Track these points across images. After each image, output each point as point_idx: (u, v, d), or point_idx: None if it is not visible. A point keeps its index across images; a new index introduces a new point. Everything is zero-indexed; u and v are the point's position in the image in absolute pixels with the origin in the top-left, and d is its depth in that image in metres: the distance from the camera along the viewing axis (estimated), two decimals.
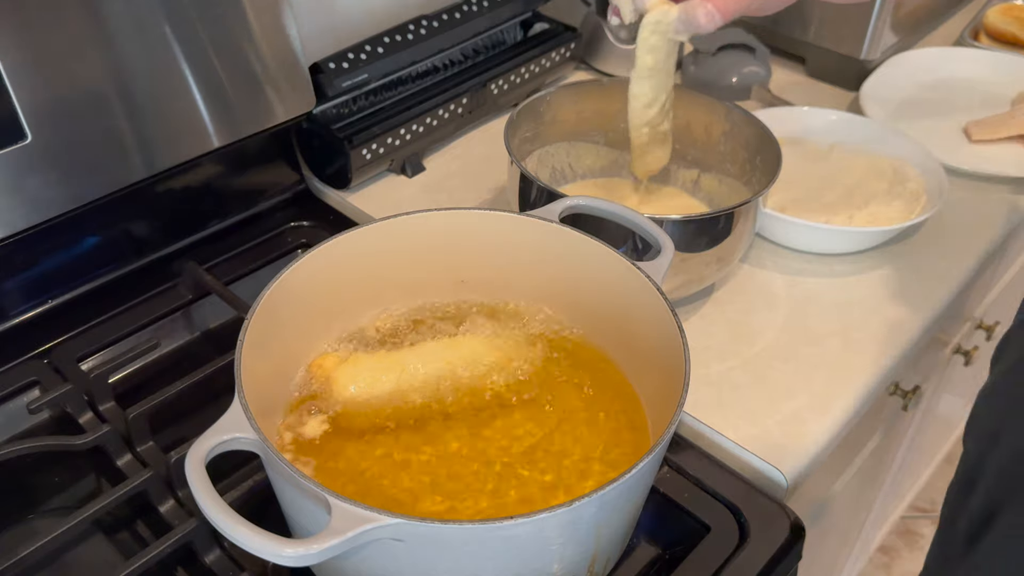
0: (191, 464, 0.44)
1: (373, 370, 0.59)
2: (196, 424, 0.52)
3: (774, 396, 0.70)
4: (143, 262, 0.79)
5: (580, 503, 0.43)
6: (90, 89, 0.66)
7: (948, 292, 0.81)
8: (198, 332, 0.77)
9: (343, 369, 0.59)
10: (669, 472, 0.63)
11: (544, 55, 1.00)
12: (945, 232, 0.87)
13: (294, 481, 0.44)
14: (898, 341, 0.76)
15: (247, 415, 0.46)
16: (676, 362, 0.52)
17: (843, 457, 0.91)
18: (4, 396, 0.68)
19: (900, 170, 0.89)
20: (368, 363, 0.59)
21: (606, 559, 0.53)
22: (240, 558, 0.58)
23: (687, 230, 0.70)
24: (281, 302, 0.56)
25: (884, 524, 1.60)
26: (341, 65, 0.84)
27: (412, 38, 0.89)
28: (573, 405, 0.60)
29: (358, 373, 0.58)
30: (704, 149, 0.84)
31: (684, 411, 0.66)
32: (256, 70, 0.76)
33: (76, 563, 0.60)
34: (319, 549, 0.41)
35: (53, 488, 0.65)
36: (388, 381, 0.59)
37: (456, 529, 0.43)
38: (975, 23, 1.19)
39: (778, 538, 0.59)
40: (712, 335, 0.75)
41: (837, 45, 1.07)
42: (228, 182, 0.83)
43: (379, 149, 0.88)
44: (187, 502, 0.60)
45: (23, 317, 0.73)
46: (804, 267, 0.83)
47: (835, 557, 1.30)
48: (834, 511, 1.01)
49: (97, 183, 0.69)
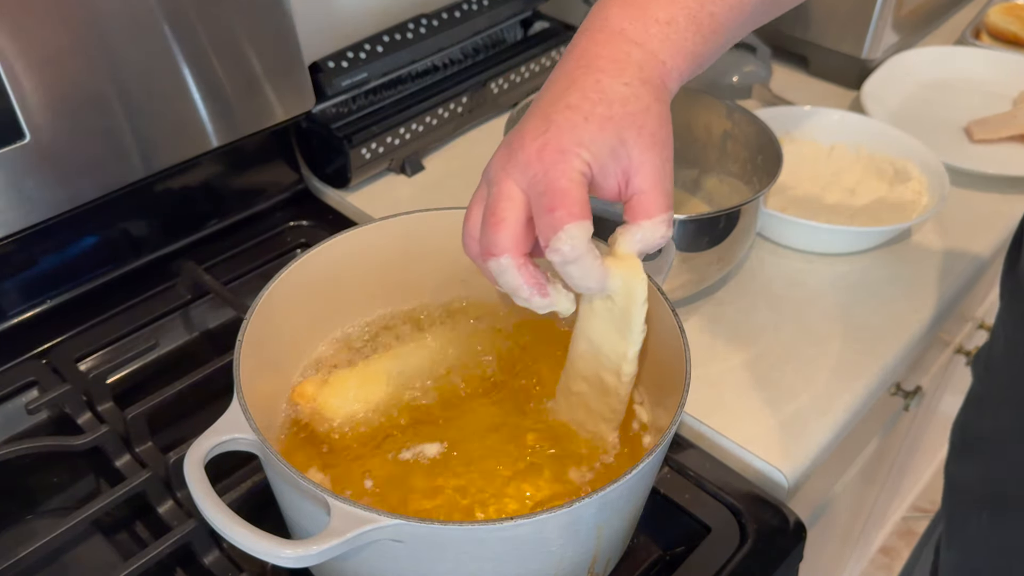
0: (190, 465, 0.44)
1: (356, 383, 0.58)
2: (195, 424, 0.52)
3: (775, 396, 0.70)
4: (142, 262, 0.79)
5: (580, 503, 0.43)
6: (89, 89, 0.66)
7: (949, 292, 0.81)
8: (197, 332, 0.77)
9: (327, 392, 0.58)
10: (670, 472, 0.63)
11: (544, 54, 1.00)
12: (946, 232, 0.87)
13: (293, 482, 0.44)
14: (899, 341, 0.75)
15: (246, 415, 0.46)
16: (677, 362, 0.52)
17: (844, 457, 0.90)
18: (2, 396, 0.68)
19: (901, 170, 0.89)
20: (348, 378, 0.59)
21: (606, 560, 0.53)
22: (239, 559, 0.58)
23: (688, 230, 0.70)
24: (280, 302, 0.56)
25: (885, 524, 1.60)
26: (340, 64, 0.84)
27: (412, 37, 0.89)
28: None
29: (344, 392, 0.58)
30: (705, 149, 0.83)
31: (685, 411, 0.66)
32: (255, 69, 0.76)
33: (75, 564, 0.59)
34: (318, 550, 0.41)
35: (52, 489, 0.65)
36: (377, 390, 0.58)
37: (456, 530, 0.43)
38: (976, 22, 1.19)
39: (779, 539, 0.59)
40: (713, 335, 0.75)
41: (838, 44, 1.07)
42: (227, 182, 0.83)
43: (379, 148, 0.87)
44: (186, 503, 0.60)
45: (22, 317, 0.73)
46: (805, 267, 0.82)
47: (836, 558, 1.30)
48: (835, 512, 1.01)
49: (96, 183, 0.69)
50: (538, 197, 0.43)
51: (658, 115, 0.45)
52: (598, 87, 0.44)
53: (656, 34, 0.46)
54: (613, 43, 0.46)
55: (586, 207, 0.43)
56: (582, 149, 0.43)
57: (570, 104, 0.44)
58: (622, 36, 0.46)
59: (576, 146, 0.43)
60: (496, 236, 0.44)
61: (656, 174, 0.45)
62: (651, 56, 0.46)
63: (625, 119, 0.44)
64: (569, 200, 0.42)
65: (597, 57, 0.46)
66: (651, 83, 0.45)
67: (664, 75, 0.46)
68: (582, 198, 0.43)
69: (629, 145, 0.44)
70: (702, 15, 0.47)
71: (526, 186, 0.44)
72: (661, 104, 0.46)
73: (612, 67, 0.45)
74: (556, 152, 0.43)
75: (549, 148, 0.43)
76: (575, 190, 0.43)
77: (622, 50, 0.46)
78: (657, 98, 0.45)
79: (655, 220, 0.45)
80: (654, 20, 0.46)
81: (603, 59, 0.46)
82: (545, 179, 0.43)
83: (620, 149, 0.44)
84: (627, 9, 0.47)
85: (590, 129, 0.43)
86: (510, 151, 0.45)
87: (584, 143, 0.43)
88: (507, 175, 0.44)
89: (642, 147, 0.44)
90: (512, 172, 0.44)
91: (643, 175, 0.44)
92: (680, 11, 0.47)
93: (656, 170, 0.45)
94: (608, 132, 0.43)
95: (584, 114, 0.44)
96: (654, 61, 0.46)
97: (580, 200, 0.43)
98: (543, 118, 0.44)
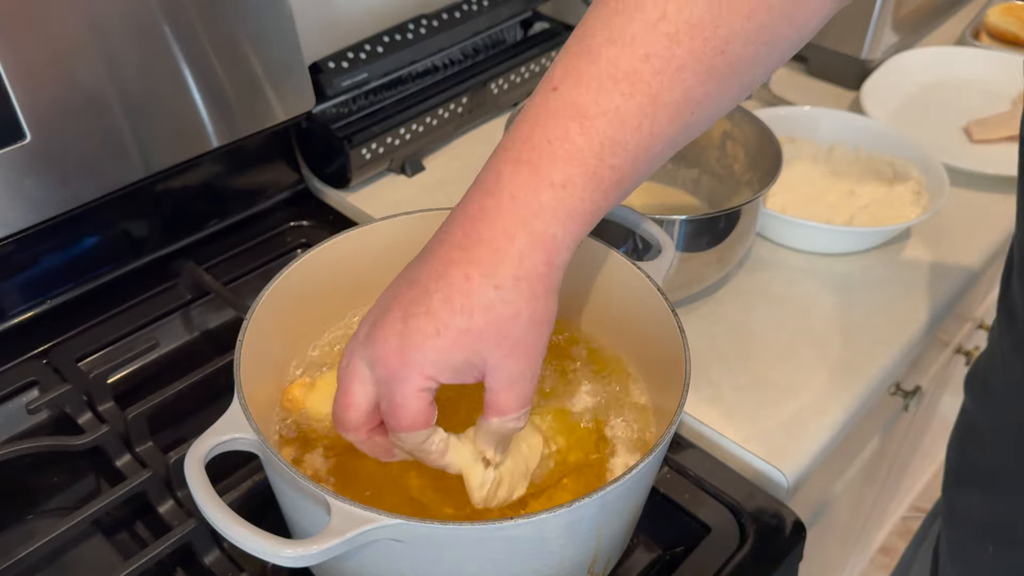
0: (190, 464, 0.44)
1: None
2: (195, 424, 0.52)
3: (775, 396, 0.70)
4: (142, 262, 0.79)
5: (580, 503, 0.43)
6: (89, 89, 0.66)
7: (949, 292, 0.81)
8: (197, 332, 0.77)
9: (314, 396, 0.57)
10: (669, 472, 0.63)
11: (544, 54, 1.00)
12: (946, 232, 0.87)
13: (293, 482, 0.44)
14: (899, 341, 0.75)
15: (246, 415, 0.46)
16: (677, 362, 0.52)
17: (844, 457, 0.90)
18: (3, 396, 0.68)
19: (901, 170, 0.89)
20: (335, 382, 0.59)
21: (606, 560, 0.53)
22: (239, 559, 0.58)
23: (688, 230, 0.70)
24: (280, 302, 0.56)
25: (885, 524, 1.60)
26: (341, 64, 0.84)
27: (412, 37, 0.89)
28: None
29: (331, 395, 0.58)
30: (705, 149, 0.84)
31: (684, 411, 0.66)
32: (255, 69, 0.76)
33: (75, 564, 0.59)
34: (318, 550, 0.41)
35: (52, 488, 0.65)
36: None
37: (456, 530, 0.43)
38: (976, 22, 1.19)
39: (779, 539, 0.59)
40: (713, 335, 0.75)
41: (838, 44, 1.07)
42: (227, 182, 0.83)
43: (379, 149, 0.87)
44: (186, 502, 0.60)
45: (22, 317, 0.73)
46: (805, 267, 0.82)
47: (836, 558, 1.30)
48: (835, 511, 1.01)
49: (96, 183, 0.69)
50: (381, 397, 0.45)
51: (527, 320, 0.43)
52: (466, 287, 0.43)
53: (548, 203, 0.43)
54: (499, 220, 0.43)
55: (421, 416, 0.44)
56: (428, 366, 0.43)
57: (430, 309, 0.43)
58: (511, 209, 0.43)
59: (420, 365, 0.43)
60: (345, 417, 0.46)
61: (509, 379, 0.44)
62: (537, 238, 0.43)
63: (485, 330, 0.43)
64: (402, 413, 0.44)
65: (478, 240, 0.43)
66: (527, 278, 0.43)
67: (551, 254, 0.43)
68: (418, 411, 0.44)
69: (484, 355, 0.43)
70: (602, 169, 0.43)
71: (375, 380, 0.45)
72: (535, 302, 0.43)
73: (488, 259, 0.43)
74: (400, 366, 0.43)
75: (394, 359, 0.43)
76: (413, 405, 0.44)
77: (505, 233, 0.43)
78: (532, 296, 0.43)
79: (505, 418, 0.45)
80: (548, 184, 0.42)
81: (483, 245, 0.43)
82: (388, 387, 0.44)
83: (474, 359, 0.43)
84: (519, 172, 0.43)
85: (439, 346, 0.43)
86: (371, 333, 0.45)
87: (430, 360, 0.43)
88: (360, 359, 0.45)
89: (499, 356, 0.43)
90: (366, 356, 0.45)
91: (496, 379, 0.44)
92: (577, 170, 0.42)
93: (509, 375, 0.44)
94: (460, 349, 0.43)
95: (438, 326, 0.43)
96: (539, 243, 0.43)
97: (415, 413, 0.44)
98: (401, 315, 0.44)
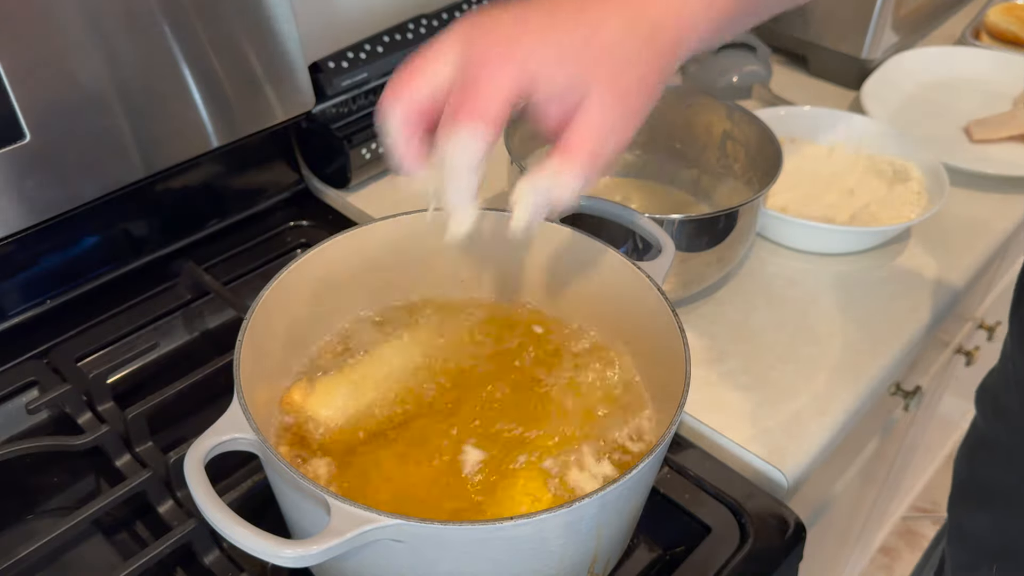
0: (190, 464, 0.44)
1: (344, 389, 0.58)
2: (195, 424, 0.52)
3: (775, 396, 0.70)
4: (142, 262, 0.79)
5: (581, 503, 0.43)
6: (89, 89, 0.66)
7: (949, 292, 0.81)
8: (197, 332, 0.77)
9: (313, 398, 0.58)
10: (670, 472, 0.63)
11: None
12: (946, 232, 0.87)
13: (293, 482, 0.44)
14: (899, 341, 0.75)
15: (246, 415, 0.46)
16: (677, 362, 0.52)
17: (844, 457, 0.90)
18: (3, 396, 0.68)
19: (901, 170, 0.89)
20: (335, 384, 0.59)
21: (607, 560, 0.53)
22: (239, 559, 0.58)
23: (688, 230, 0.70)
24: (280, 302, 0.56)
25: (885, 524, 1.60)
26: (341, 64, 0.84)
27: (412, 37, 0.89)
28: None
29: (331, 399, 0.58)
30: (705, 149, 0.83)
31: (684, 411, 0.66)
32: (255, 69, 0.76)
33: (75, 563, 0.59)
34: (318, 550, 0.41)
35: (52, 488, 0.65)
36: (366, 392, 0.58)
37: (456, 530, 0.43)
38: (976, 22, 1.19)
39: (779, 539, 0.59)
40: (713, 335, 0.75)
41: (838, 44, 1.07)
42: (227, 182, 0.83)
43: (379, 149, 0.87)
44: (186, 502, 0.60)
45: (22, 317, 0.73)
46: (805, 267, 0.82)
47: (836, 558, 1.30)
48: (835, 511, 1.01)
49: (96, 183, 0.69)
50: (466, 81, 0.39)
51: (643, 74, 0.40)
52: (600, 14, 0.39)
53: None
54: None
55: (496, 106, 0.39)
56: (533, 62, 0.39)
57: (555, 19, 0.39)
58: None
59: (525, 60, 0.39)
60: (408, 82, 0.41)
61: (600, 121, 0.40)
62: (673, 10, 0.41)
63: (603, 60, 0.39)
64: (483, 94, 0.39)
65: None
66: (658, 42, 0.41)
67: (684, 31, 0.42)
68: (501, 100, 0.39)
69: (591, 83, 0.39)
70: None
71: (464, 64, 0.40)
72: (659, 62, 0.41)
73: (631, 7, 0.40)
74: (505, 49, 0.39)
75: (502, 43, 0.39)
76: (497, 93, 0.39)
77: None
78: (658, 55, 0.40)
79: (564, 164, 0.40)
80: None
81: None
82: (479, 71, 0.39)
83: (577, 82, 0.39)
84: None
85: (551, 54, 0.38)
86: (482, 20, 0.40)
87: (538, 58, 0.39)
88: (458, 38, 0.40)
89: (602, 91, 0.39)
90: (467, 36, 0.40)
91: (588, 114, 0.40)
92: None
93: (602, 117, 0.40)
94: (571, 63, 0.39)
95: (560, 36, 0.38)
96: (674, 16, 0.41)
97: (495, 100, 0.39)
98: (522, 16, 0.39)
